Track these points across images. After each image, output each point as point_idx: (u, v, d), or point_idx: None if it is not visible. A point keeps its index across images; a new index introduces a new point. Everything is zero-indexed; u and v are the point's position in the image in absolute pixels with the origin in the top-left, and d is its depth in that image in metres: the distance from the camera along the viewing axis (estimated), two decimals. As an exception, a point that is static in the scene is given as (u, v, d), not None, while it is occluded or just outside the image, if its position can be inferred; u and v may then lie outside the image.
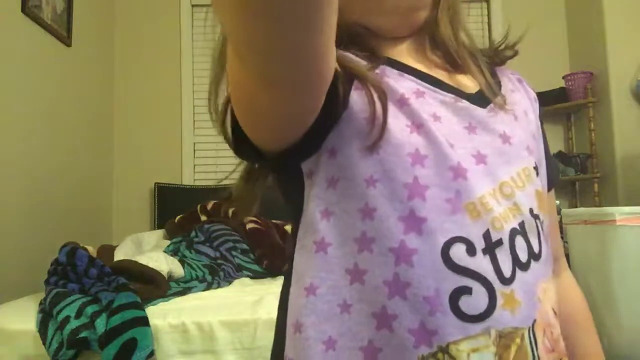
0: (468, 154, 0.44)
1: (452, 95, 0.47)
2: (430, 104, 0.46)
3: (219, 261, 1.98)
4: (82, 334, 1.27)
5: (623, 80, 2.67)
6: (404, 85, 0.46)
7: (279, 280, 1.87)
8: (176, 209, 2.57)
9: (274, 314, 1.65)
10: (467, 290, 0.40)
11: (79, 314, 1.33)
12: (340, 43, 0.44)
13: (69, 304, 1.36)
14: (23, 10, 2.08)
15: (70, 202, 2.43)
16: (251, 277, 1.98)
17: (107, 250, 1.97)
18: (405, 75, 0.47)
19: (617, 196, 2.64)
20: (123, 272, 1.53)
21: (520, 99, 0.54)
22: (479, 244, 0.41)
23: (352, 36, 0.48)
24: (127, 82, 3.00)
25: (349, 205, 0.43)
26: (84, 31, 2.59)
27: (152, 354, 1.29)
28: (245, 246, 2.13)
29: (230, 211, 2.35)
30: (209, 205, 2.43)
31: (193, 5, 3.06)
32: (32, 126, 2.17)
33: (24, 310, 1.46)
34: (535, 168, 0.49)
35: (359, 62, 0.46)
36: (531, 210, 0.46)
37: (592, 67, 2.81)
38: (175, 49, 3.03)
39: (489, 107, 0.48)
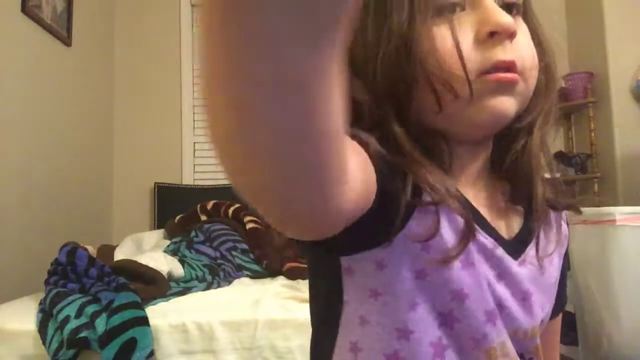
0: (482, 309, 0.45)
1: (492, 240, 0.47)
2: (469, 247, 0.45)
3: (219, 261, 1.98)
4: (82, 334, 1.27)
5: (623, 80, 2.67)
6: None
7: (279, 280, 1.87)
8: (176, 209, 2.57)
9: (273, 313, 1.64)
10: None
11: (79, 314, 1.33)
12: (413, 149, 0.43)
13: (69, 304, 1.36)
14: (23, 10, 2.08)
15: (70, 202, 2.43)
16: (251, 277, 1.98)
17: (107, 250, 1.97)
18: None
19: (617, 196, 2.64)
20: (123, 272, 1.53)
21: (552, 242, 0.52)
22: None
23: (427, 145, 0.45)
24: (127, 82, 3.00)
25: (386, 321, 0.44)
26: (84, 31, 2.59)
27: (152, 354, 1.29)
28: (245, 246, 2.13)
29: (230, 211, 2.35)
30: (209, 205, 2.43)
31: (193, 5, 3.06)
32: (32, 126, 2.17)
33: (24, 310, 1.46)
34: (542, 322, 0.51)
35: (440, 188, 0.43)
36: (522, 356, 0.49)
37: (592, 67, 2.81)
38: (175, 49, 3.03)
39: (520, 258, 0.48)
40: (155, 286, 1.54)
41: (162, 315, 1.38)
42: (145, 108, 3.00)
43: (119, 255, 1.90)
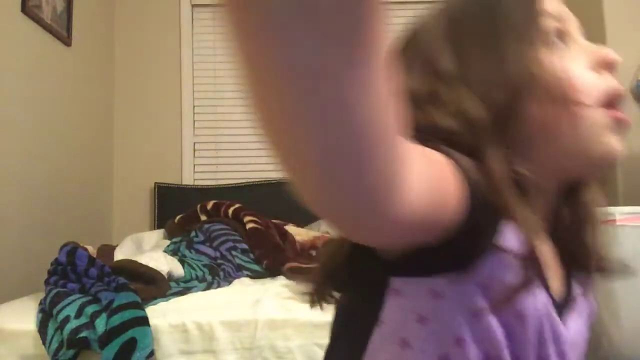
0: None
1: (548, 298, 0.45)
2: (527, 300, 0.44)
3: (219, 261, 1.98)
4: (82, 334, 1.27)
5: (623, 80, 2.65)
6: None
7: (279, 280, 1.86)
8: (176, 209, 2.57)
9: (273, 313, 1.64)
10: None
11: (79, 314, 1.33)
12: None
13: (69, 304, 1.36)
14: (23, 10, 2.07)
15: (70, 202, 2.43)
16: (251, 277, 1.98)
17: (107, 250, 1.97)
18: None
19: (617, 196, 2.64)
20: (123, 272, 1.52)
21: (585, 309, 0.52)
22: None
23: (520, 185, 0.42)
24: (127, 82, 3.00)
25: (429, 347, 0.43)
26: (84, 31, 2.59)
27: (152, 354, 1.29)
28: (245, 246, 2.12)
29: (230, 211, 2.35)
30: (209, 205, 2.43)
31: (193, 5, 3.05)
32: (32, 126, 2.17)
33: (24, 310, 1.46)
34: None
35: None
36: None
37: (592, 67, 2.81)
38: (175, 49, 3.02)
39: (564, 319, 0.48)
40: (155, 286, 1.53)
41: (162, 315, 1.38)
42: (145, 108, 3.00)
43: (119, 255, 1.90)
